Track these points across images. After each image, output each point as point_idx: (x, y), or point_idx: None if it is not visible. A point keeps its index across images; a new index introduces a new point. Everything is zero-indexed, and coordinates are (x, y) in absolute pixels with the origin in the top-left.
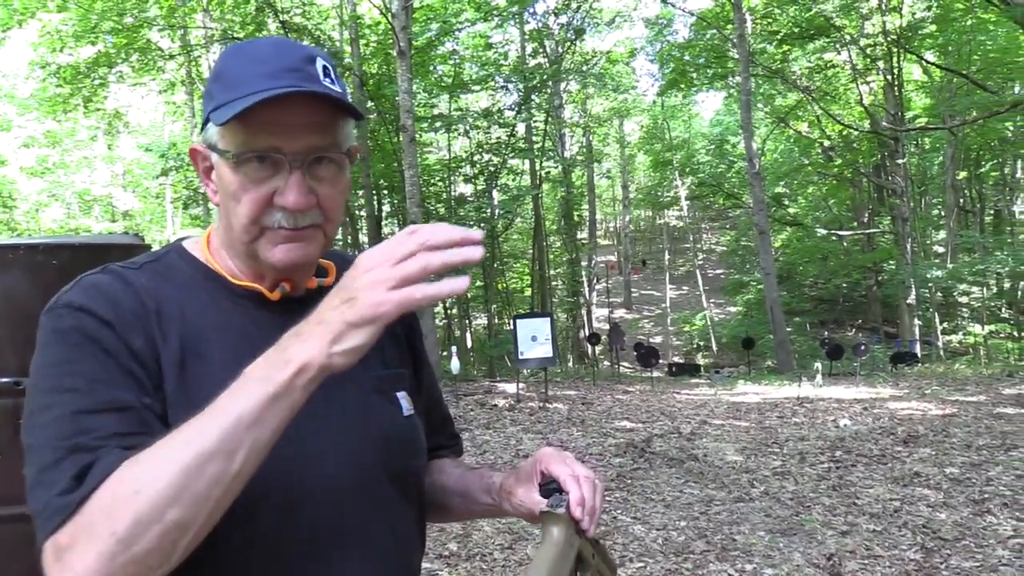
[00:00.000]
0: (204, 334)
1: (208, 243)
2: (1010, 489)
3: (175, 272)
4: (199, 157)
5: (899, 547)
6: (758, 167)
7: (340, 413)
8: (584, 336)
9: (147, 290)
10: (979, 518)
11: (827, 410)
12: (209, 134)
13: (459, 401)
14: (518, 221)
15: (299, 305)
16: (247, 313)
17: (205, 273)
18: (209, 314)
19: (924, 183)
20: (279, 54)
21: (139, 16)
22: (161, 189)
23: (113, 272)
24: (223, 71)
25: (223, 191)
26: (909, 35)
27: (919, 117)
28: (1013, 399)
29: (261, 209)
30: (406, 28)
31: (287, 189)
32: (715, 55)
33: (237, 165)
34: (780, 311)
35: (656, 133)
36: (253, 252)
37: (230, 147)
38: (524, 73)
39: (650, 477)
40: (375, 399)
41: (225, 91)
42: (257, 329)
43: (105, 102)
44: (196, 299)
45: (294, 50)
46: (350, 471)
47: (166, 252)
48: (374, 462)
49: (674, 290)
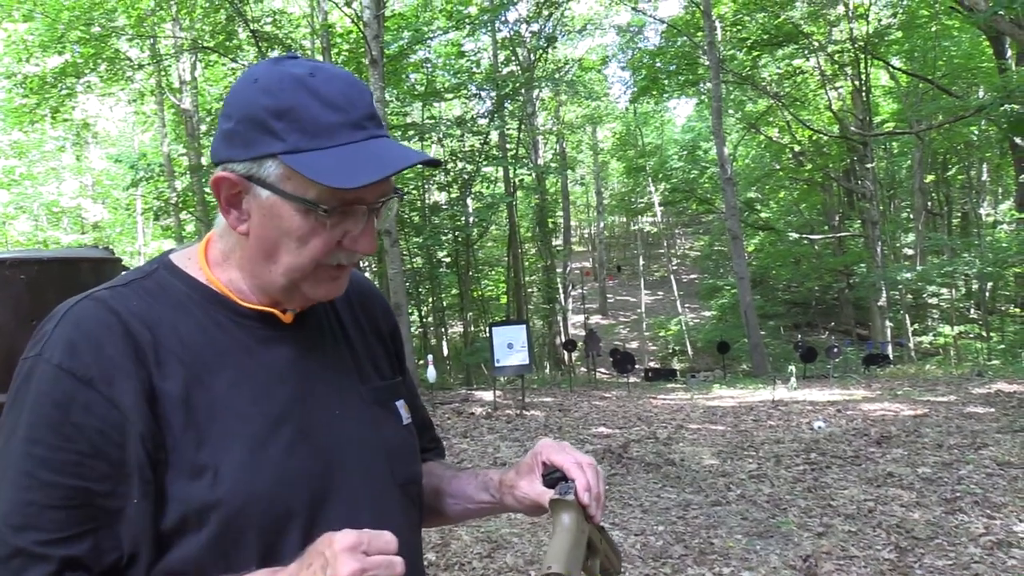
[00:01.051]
0: (205, 359)
1: (206, 257)
2: (980, 487)
3: (168, 291)
4: (226, 185)
5: (874, 547)
6: (730, 172)
7: (351, 428)
8: (560, 343)
9: (138, 316)
10: (951, 517)
11: (801, 412)
12: (265, 171)
13: (436, 410)
14: (493, 229)
15: (300, 322)
16: (252, 334)
17: (204, 293)
18: (209, 337)
19: (893, 187)
20: (351, 98)
21: (107, 26)
22: (131, 200)
23: (98, 301)
24: (292, 108)
25: (276, 228)
26: (876, 42)
27: (887, 122)
28: (982, 398)
29: (330, 252)
30: (378, 37)
31: (362, 236)
32: (686, 62)
33: (308, 211)
34: (754, 315)
35: (629, 140)
36: (293, 287)
37: (310, 195)
38: (497, 81)
39: (627, 483)
40: (377, 411)
41: (304, 136)
42: (265, 349)
43: (73, 112)
44: (193, 320)
45: (361, 90)
46: (365, 485)
47: (155, 268)
48: (384, 474)
49: (649, 295)
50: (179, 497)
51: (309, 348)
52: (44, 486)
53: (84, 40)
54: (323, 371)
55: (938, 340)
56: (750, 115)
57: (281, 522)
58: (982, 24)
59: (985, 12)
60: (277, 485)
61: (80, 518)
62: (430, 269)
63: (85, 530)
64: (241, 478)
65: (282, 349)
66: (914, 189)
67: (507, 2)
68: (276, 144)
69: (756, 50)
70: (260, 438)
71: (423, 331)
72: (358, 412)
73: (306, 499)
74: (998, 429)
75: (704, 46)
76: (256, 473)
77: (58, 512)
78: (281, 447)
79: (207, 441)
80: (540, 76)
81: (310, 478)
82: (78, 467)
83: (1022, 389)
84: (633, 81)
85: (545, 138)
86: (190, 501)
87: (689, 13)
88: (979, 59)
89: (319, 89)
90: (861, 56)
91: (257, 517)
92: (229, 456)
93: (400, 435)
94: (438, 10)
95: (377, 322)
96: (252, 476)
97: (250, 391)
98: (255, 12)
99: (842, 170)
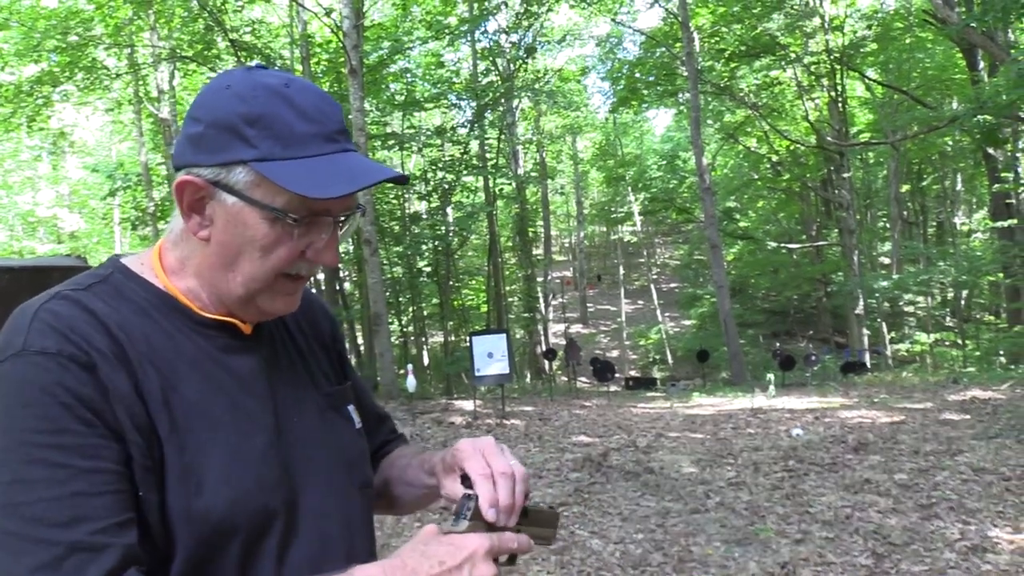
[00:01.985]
0: (174, 367)
1: (161, 263)
2: (956, 493)
3: (127, 296)
4: (190, 189)
5: (851, 553)
6: (709, 182)
7: (311, 435)
8: (541, 352)
9: (109, 318)
10: (927, 522)
11: (780, 420)
12: (234, 177)
13: (416, 419)
14: (473, 238)
15: (256, 333)
16: (214, 342)
17: (163, 299)
18: (175, 343)
19: (869, 196)
20: (325, 111)
21: (83, 35)
22: (108, 210)
23: (69, 299)
24: (264, 115)
25: (240, 236)
26: (851, 53)
27: (863, 132)
28: (958, 405)
29: (293, 262)
30: (357, 47)
31: (326, 248)
32: (664, 73)
33: (276, 220)
34: (733, 323)
35: (608, 149)
36: (249, 298)
37: (278, 203)
38: (476, 91)
39: (607, 491)
40: (331, 416)
41: (277, 144)
42: (229, 359)
43: (49, 121)
44: (158, 328)
45: (333, 104)
46: (331, 491)
47: (109, 272)
48: (345, 478)
49: (629, 304)
50: (168, 502)
51: (267, 358)
52: (85, 473)
53: (61, 49)
54: (282, 380)
55: (914, 348)
56: (728, 125)
57: (261, 528)
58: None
59: (957, 25)
60: (257, 493)
61: (126, 503)
62: (410, 279)
63: (131, 517)
64: (224, 486)
65: (244, 359)
66: (890, 199)
67: (486, 13)
68: (247, 151)
69: (734, 61)
70: (236, 446)
71: (403, 341)
72: (317, 419)
73: (282, 506)
74: (973, 436)
75: (682, 57)
76: (238, 481)
77: (105, 498)
78: (256, 455)
79: (187, 447)
80: (520, 86)
81: (283, 485)
82: (108, 450)
83: (997, 396)
84: (612, 91)
85: (525, 148)
86: (176, 507)
87: (668, 24)
88: (952, 71)
89: (294, 99)
90: (837, 67)
91: (242, 525)
92: (209, 463)
93: (355, 440)
94: (418, 20)
95: (319, 327)
96: (234, 484)
97: (220, 399)
98: (234, 22)
99: (819, 180)
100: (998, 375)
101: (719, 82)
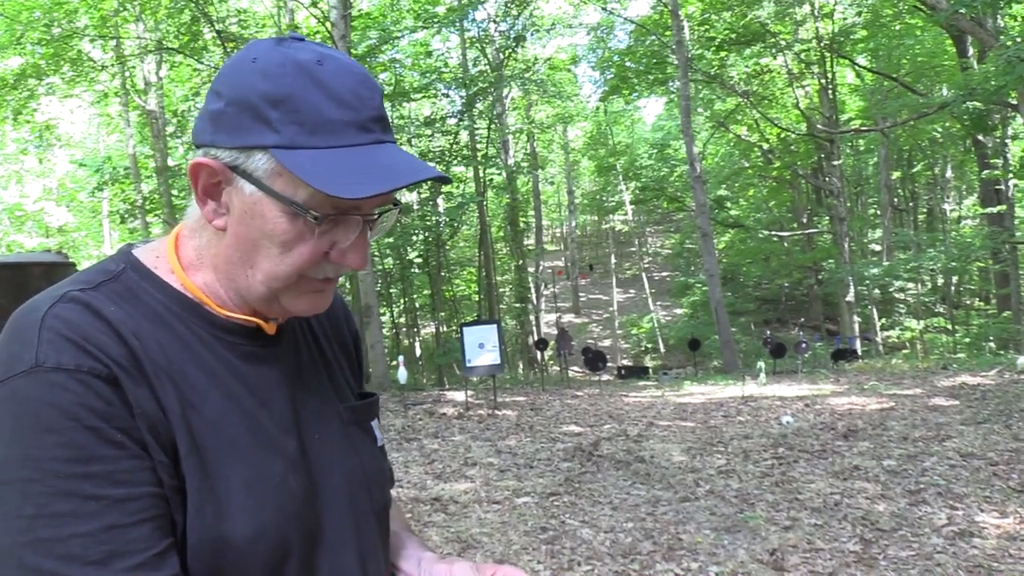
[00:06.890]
0: (192, 379)
1: (178, 257)
2: (944, 478)
3: (141, 298)
4: (206, 172)
5: (839, 539)
6: (699, 171)
7: (333, 453)
8: (532, 342)
9: (123, 324)
10: (915, 508)
11: (770, 408)
12: (253, 164)
13: (408, 411)
14: (464, 228)
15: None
16: (235, 350)
17: (181, 302)
18: (192, 354)
19: (860, 183)
20: (361, 96)
21: (68, 27)
22: (97, 204)
23: (78, 302)
24: (291, 96)
25: (257, 229)
26: (841, 40)
27: (853, 119)
28: (947, 391)
29: (316, 263)
30: (345, 36)
31: (352, 249)
32: (655, 61)
33: (296, 215)
34: (725, 312)
35: (599, 139)
36: (271, 297)
37: (299, 197)
38: (466, 80)
39: (598, 480)
40: (355, 432)
41: (302, 131)
42: (249, 368)
43: (35, 114)
44: (173, 334)
45: (372, 88)
46: (350, 514)
47: (121, 269)
48: (364, 501)
49: (621, 294)
50: (190, 526)
51: (290, 366)
52: (119, 503)
53: (45, 41)
54: (305, 391)
55: (905, 334)
56: (719, 113)
57: (282, 555)
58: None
59: (946, 11)
60: (278, 517)
61: (164, 528)
62: (401, 270)
63: (170, 542)
64: (242, 514)
65: (265, 368)
66: (880, 186)
67: (475, 1)
68: (269, 135)
69: (724, 49)
70: (257, 468)
71: (395, 332)
72: (340, 436)
73: (302, 530)
74: (962, 421)
75: (672, 45)
76: (259, 507)
77: (143, 528)
78: (276, 478)
79: (204, 471)
80: (509, 75)
81: (303, 508)
82: (142, 472)
83: (985, 381)
84: (603, 80)
85: (515, 137)
86: (192, 536)
87: (658, 13)
88: (942, 57)
89: (326, 80)
90: (827, 55)
91: (263, 552)
92: (229, 486)
93: (376, 459)
94: (406, 10)
95: (341, 329)
96: (256, 510)
97: (240, 417)
98: (220, 12)
99: (810, 167)
100: (987, 361)
101: (709, 70)
